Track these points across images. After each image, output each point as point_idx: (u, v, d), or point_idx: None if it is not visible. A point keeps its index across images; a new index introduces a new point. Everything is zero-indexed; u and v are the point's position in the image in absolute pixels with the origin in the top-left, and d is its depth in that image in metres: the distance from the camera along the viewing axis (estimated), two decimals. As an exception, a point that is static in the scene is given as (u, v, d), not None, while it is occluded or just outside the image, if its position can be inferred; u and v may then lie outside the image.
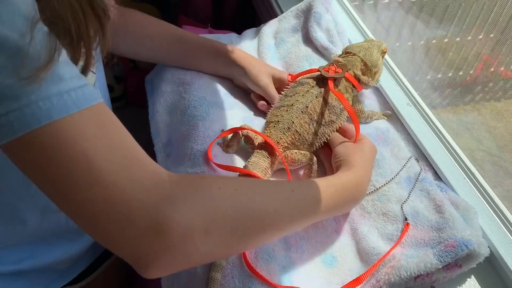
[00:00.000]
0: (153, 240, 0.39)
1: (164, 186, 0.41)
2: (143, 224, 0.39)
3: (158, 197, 0.40)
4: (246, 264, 0.57)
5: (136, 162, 0.41)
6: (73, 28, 0.43)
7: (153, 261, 0.40)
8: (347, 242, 0.63)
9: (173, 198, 0.40)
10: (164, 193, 0.40)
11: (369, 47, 0.74)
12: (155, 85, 0.86)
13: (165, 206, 0.40)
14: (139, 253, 0.40)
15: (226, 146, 0.72)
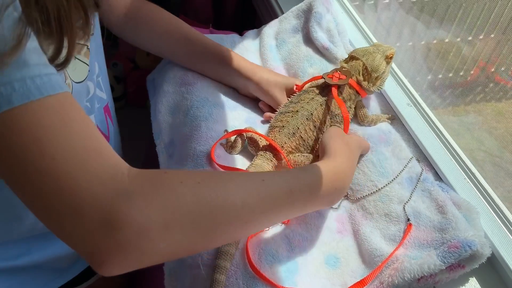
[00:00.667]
0: (105, 236, 0.37)
1: (122, 180, 0.39)
2: (95, 219, 0.37)
3: (113, 191, 0.38)
4: (250, 265, 0.57)
5: (94, 154, 0.39)
6: (53, 17, 0.42)
7: (107, 258, 0.38)
8: (350, 243, 0.64)
9: (130, 193, 0.38)
10: (121, 187, 0.38)
11: (373, 52, 0.74)
12: (157, 84, 0.86)
13: (120, 201, 0.38)
14: (91, 249, 0.38)
15: (229, 147, 0.72)
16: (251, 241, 0.60)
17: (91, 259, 0.39)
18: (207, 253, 0.58)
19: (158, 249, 0.40)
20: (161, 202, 0.40)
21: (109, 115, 0.77)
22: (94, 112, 0.68)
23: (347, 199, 0.68)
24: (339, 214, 0.67)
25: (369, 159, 0.69)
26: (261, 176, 0.49)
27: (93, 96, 0.67)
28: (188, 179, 0.42)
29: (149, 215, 0.38)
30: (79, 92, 0.58)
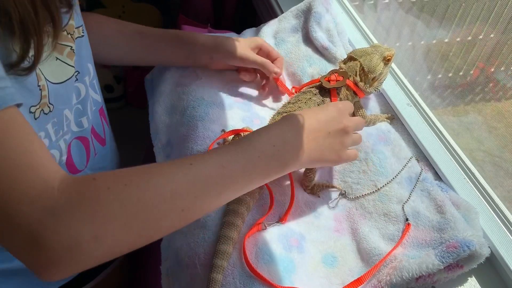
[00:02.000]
0: (36, 253, 0.40)
1: (51, 196, 0.40)
2: (25, 238, 0.39)
3: (41, 209, 0.39)
4: (247, 264, 0.57)
5: (27, 171, 0.40)
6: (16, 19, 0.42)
7: (43, 271, 0.41)
8: (347, 242, 0.63)
9: (57, 210, 0.40)
10: (48, 205, 0.40)
11: (371, 53, 0.73)
12: (155, 85, 0.86)
13: (47, 219, 0.39)
14: (28, 264, 0.41)
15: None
16: (248, 240, 0.60)
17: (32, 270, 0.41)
18: (204, 252, 0.58)
19: (93, 257, 0.42)
20: (88, 214, 0.41)
21: (104, 118, 0.77)
22: (86, 114, 0.68)
23: (345, 197, 0.68)
24: (337, 213, 0.67)
25: (369, 158, 0.69)
26: (189, 161, 0.48)
27: (85, 98, 0.67)
28: (115, 184, 0.43)
29: (77, 230, 0.40)
30: (58, 93, 0.57)
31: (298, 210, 0.66)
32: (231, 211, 0.61)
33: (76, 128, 0.67)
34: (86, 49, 0.67)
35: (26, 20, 0.43)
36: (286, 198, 0.68)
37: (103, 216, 0.41)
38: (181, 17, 1.27)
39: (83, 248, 0.40)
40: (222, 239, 0.58)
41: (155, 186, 0.44)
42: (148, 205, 0.44)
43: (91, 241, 0.41)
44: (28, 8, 0.43)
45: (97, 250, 0.42)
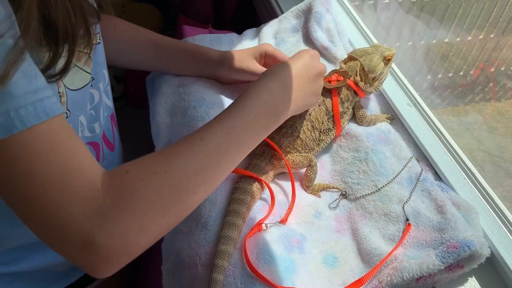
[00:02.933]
0: (91, 254, 0.43)
1: (97, 196, 0.43)
2: (78, 240, 0.42)
3: (90, 211, 0.42)
4: (247, 265, 0.57)
5: (76, 174, 0.43)
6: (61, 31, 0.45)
7: (97, 269, 0.44)
8: (348, 243, 0.63)
9: (104, 210, 0.43)
10: (96, 206, 0.43)
11: (372, 52, 0.74)
12: (156, 86, 0.86)
13: (97, 220, 0.42)
14: (81, 263, 0.44)
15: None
16: (249, 240, 0.60)
17: (85, 270, 0.45)
18: (205, 252, 0.58)
19: (141, 246, 0.46)
20: (131, 208, 0.44)
21: (114, 124, 0.78)
22: (98, 120, 0.69)
23: (346, 198, 0.68)
24: (338, 214, 0.67)
25: (369, 158, 0.69)
26: (199, 136, 0.52)
27: (98, 104, 0.68)
28: (147, 174, 0.46)
29: (125, 225, 0.44)
30: (75, 99, 0.58)
31: (299, 210, 0.66)
32: (232, 211, 0.61)
33: (89, 134, 0.68)
34: (102, 56, 0.68)
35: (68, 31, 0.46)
36: (286, 198, 0.68)
37: (144, 207, 0.45)
38: (181, 17, 1.27)
39: (132, 240, 0.44)
40: (223, 240, 0.58)
41: (179, 168, 0.48)
42: (177, 187, 0.48)
43: (138, 232, 0.44)
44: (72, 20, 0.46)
45: (144, 239, 0.45)
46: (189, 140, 0.51)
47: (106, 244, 0.42)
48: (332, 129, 0.72)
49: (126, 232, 0.44)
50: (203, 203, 0.63)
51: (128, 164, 0.48)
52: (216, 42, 0.93)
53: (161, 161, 0.48)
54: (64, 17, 0.45)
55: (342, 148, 0.73)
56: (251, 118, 0.56)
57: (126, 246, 0.44)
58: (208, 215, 0.62)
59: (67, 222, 0.42)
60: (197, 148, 0.50)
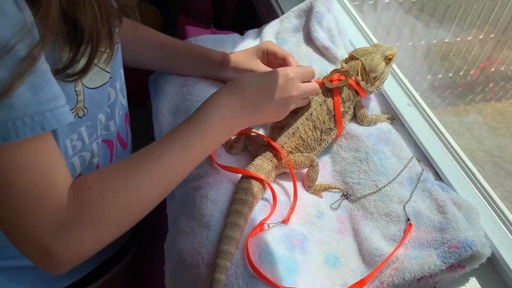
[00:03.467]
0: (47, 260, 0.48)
1: (62, 211, 0.47)
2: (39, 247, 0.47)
3: (55, 223, 0.47)
4: (250, 265, 0.57)
5: (49, 190, 0.47)
6: (87, 34, 0.48)
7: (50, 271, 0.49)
8: (350, 243, 0.64)
9: (66, 224, 0.47)
10: (60, 219, 0.47)
11: (373, 52, 0.74)
12: (159, 85, 0.86)
13: (59, 232, 0.47)
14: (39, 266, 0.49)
15: (229, 147, 0.72)
16: (251, 240, 0.60)
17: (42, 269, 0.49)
18: (207, 252, 0.59)
19: (93, 253, 0.51)
20: (90, 224, 0.49)
21: (128, 123, 0.79)
22: (114, 118, 0.70)
23: (347, 198, 0.68)
24: (339, 214, 0.67)
25: (369, 158, 0.69)
26: (157, 152, 0.55)
27: (114, 102, 0.69)
28: (107, 192, 0.50)
29: (82, 238, 0.48)
30: (93, 97, 0.60)
31: (301, 210, 0.66)
32: (234, 211, 0.61)
33: (104, 132, 0.69)
34: (119, 55, 0.69)
35: (93, 34, 0.49)
36: (288, 198, 0.68)
37: (101, 222, 0.49)
38: (182, 17, 1.27)
39: (86, 250, 0.50)
40: (225, 240, 0.58)
41: (137, 186, 0.52)
42: (134, 203, 0.52)
43: (93, 244, 0.50)
44: (98, 24, 0.49)
45: (97, 248, 0.51)
46: (148, 157, 0.54)
47: (62, 253, 0.47)
48: (334, 128, 0.72)
49: (83, 244, 0.49)
50: (205, 203, 0.63)
51: (91, 177, 0.51)
52: (219, 43, 0.93)
53: (121, 177, 0.52)
54: (91, 21, 0.48)
55: (342, 148, 0.73)
56: (208, 133, 0.58)
57: (80, 255, 0.49)
58: (210, 215, 0.62)
59: (33, 232, 0.47)
60: (154, 166, 0.53)
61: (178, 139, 0.57)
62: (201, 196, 0.64)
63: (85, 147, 0.63)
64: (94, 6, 0.48)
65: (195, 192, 0.65)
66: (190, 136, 0.57)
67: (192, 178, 0.68)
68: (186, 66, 0.84)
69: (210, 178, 0.66)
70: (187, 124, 0.58)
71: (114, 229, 0.51)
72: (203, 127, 0.58)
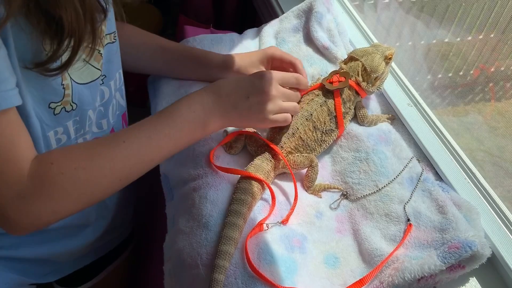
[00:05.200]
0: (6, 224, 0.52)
1: (23, 182, 0.50)
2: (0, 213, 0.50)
3: (14, 194, 0.50)
4: (249, 265, 0.57)
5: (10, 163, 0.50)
6: (67, 28, 0.49)
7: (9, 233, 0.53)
8: (349, 243, 0.63)
9: (25, 194, 0.50)
10: (20, 190, 0.50)
11: (372, 52, 0.74)
12: (157, 86, 0.86)
13: (18, 201, 0.50)
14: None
15: (229, 147, 0.72)
16: (250, 240, 0.60)
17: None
18: (206, 253, 0.58)
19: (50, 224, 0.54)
20: (47, 196, 0.51)
21: (125, 123, 0.80)
22: (107, 117, 0.70)
23: (347, 198, 0.68)
24: (339, 214, 0.67)
25: (369, 158, 0.69)
26: (122, 137, 0.56)
27: (108, 101, 0.69)
28: (68, 168, 0.52)
29: (39, 209, 0.51)
30: (82, 93, 0.60)
31: (300, 210, 0.66)
32: (233, 211, 0.61)
33: (96, 129, 0.70)
34: (117, 55, 0.69)
35: (75, 29, 0.50)
36: (287, 198, 0.68)
37: (59, 196, 0.52)
38: (182, 17, 1.27)
39: (43, 221, 0.53)
40: (224, 240, 0.58)
41: (98, 167, 0.54)
42: (93, 182, 0.54)
43: (50, 215, 0.53)
44: (81, 21, 0.50)
45: (54, 220, 0.53)
46: (113, 141, 0.56)
47: (19, 220, 0.51)
48: (335, 130, 0.72)
49: (39, 214, 0.52)
50: (204, 204, 0.63)
51: (55, 153, 0.54)
52: (217, 42, 0.93)
53: (83, 157, 0.54)
54: (72, 17, 0.48)
55: (342, 148, 0.73)
56: (176, 124, 0.59)
57: (35, 224, 0.53)
58: (209, 215, 0.62)
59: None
60: (117, 149, 0.55)
61: (145, 127, 0.58)
62: (200, 197, 0.64)
63: (70, 142, 0.64)
64: (75, 2, 0.48)
65: (194, 193, 0.65)
66: (158, 126, 0.58)
67: (191, 179, 0.67)
68: (187, 71, 0.84)
69: (209, 179, 0.66)
70: (158, 115, 0.60)
71: (72, 204, 0.53)
72: (171, 118, 0.59)
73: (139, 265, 0.96)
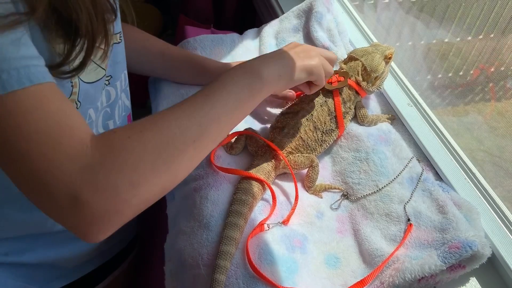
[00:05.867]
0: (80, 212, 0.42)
1: (87, 153, 0.43)
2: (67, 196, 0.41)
3: (81, 166, 0.42)
4: (250, 265, 0.57)
5: (65, 131, 0.43)
6: (82, 30, 0.48)
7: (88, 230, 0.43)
8: (350, 243, 0.64)
9: (94, 166, 0.43)
10: (86, 162, 0.42)
11: (372, 52, 0.74)
12: (158, 87, 0.87)
13: (87, 175, 0.42)
14: (72, 224, 0.43)
15: (229, 148, 0.72)
16: (251, 241, 0.60)
17: (75, 232, 0.44)
18: (207, 253, 0.59)
19: (132, 205, 0.45)
20: (120, 164, 0.44)
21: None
22: (113, 118, 0.70)
23: (347, 199, 0.68)
24: (339, 214, 0.67)
25: (370, 158, 0.69)
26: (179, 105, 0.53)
27: (114, 102, 0.69)
28: (133, 132, 0.47)
29: (114, 180, 0.43)
30: (87, 92, 0.60)
31: (301, 211, 0.66)
32: (234, 212, 0.61)
33: (102, 130, 0.69)
34: (122, 56, 0.69)
35: (88, 26, 0.48)
36: (288, 198, 0.68)
37: (133, 162, 0.44)
38: (182, 17, 1.27)
39: (122, 197, 0.43)
40: (225, 240, 0.58)
41: (166, 127, 0.48)
42: (164, 143, 0.47)
43: (129, 188, 0.44)
44: (94, 23, 0.48)
45: (134, 197, 0.44)
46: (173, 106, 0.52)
47: (95, 200, 0.42)
48: (335, 130, 0.72)
49: (116, 188, 0.43)
50: (205, 204, 0.63)
51: (115, 128, 0.49)
52: (218, 43, 0.93)
53: (147, 122, 0.49)
54: (86, 20, 0.47)
55: (342, 148, 0.73)
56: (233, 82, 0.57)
57: (116, 203, 0.43)
58: (210, 215, 0.62)
59: (56, 178, 0.42)
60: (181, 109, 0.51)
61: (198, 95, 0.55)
62: (201, 197, 0.64)
63: None
64: (87, 4, 0.48)
65: (195, 193, 0.65)
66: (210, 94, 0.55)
67: (192, 179, 0.68)
68: (186, 77, 0.85)
69: (210, 179, 0.66)
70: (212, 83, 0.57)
71: (149, 170, 0.46)
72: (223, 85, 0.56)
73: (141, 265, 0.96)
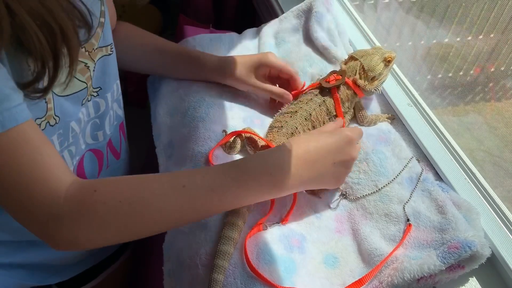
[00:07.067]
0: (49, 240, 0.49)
1: (58, 203, 0.47)
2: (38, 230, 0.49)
3: (48, 216, 0.47)
4: (248, 265, 0.57)
5: (39, 182, 0.47)
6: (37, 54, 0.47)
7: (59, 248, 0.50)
8: (348, 243, 0.63)
9: (61, 216, 0.47)
10: (54, 211, 0.47)
11: (372, 53, 0.74)
12: (157, 87, 0.87)
13: (52, 223, 0.48)
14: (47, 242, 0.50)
15: (228, 147, 0.72)
16: (250, 240, 0.60)
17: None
18: (205, 253, 0.58)
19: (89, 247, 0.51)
20: (85, 223, 0.48)
21: (123, 132, 0.79)
22: (103, 128, 0.70)
23: (346, 198, 0.68)
24: (338, 214, 0.67)
25: (369, 158, 0.69)
26: (182, 181, 0.52)
27: (104, 113, 0.68)
28: (112, 200, 0.49)
29: (75, 234, 0.48)
30: (63, 105, 0.59)
31: (299, 210, 0.66)
32: (232, 211, 0.61)
33: (91, 141, 0.69)
34: (113, 67, 0.69)
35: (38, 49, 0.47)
36: (286, 198, 0.68)
37: (98, 226, 0.49)
38: (182, 17, 1.27)
39: (79, 245, 0.50)
40: (223, 240, 0.58)
41: (146, 205, 0.50)
42: (137, 220, 0.50)
43: (86, 242, 0.50)
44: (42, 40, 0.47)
45: (91, 246, 0.51)
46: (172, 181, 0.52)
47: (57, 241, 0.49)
48: None
49: (75, 239, 0.49)
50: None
51: (100, 181, 0.51)
52: (216, 42, 0.93)
53: (132, 191, 0.50)
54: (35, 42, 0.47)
55: (342, 148, 0.73)
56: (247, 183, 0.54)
57: (73, 248, 0.50)
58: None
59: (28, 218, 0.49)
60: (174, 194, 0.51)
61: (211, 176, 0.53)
62: (200, 196, 0.64)
63: None
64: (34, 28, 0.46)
65: (194, 192, 0.65)
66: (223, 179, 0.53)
67: (191, 178, 0.67)
68: (183, 72, 0.84)
69: (208, 178, 0.66)
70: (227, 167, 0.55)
71: (110, 235, 0.50)
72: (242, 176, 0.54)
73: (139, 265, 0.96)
